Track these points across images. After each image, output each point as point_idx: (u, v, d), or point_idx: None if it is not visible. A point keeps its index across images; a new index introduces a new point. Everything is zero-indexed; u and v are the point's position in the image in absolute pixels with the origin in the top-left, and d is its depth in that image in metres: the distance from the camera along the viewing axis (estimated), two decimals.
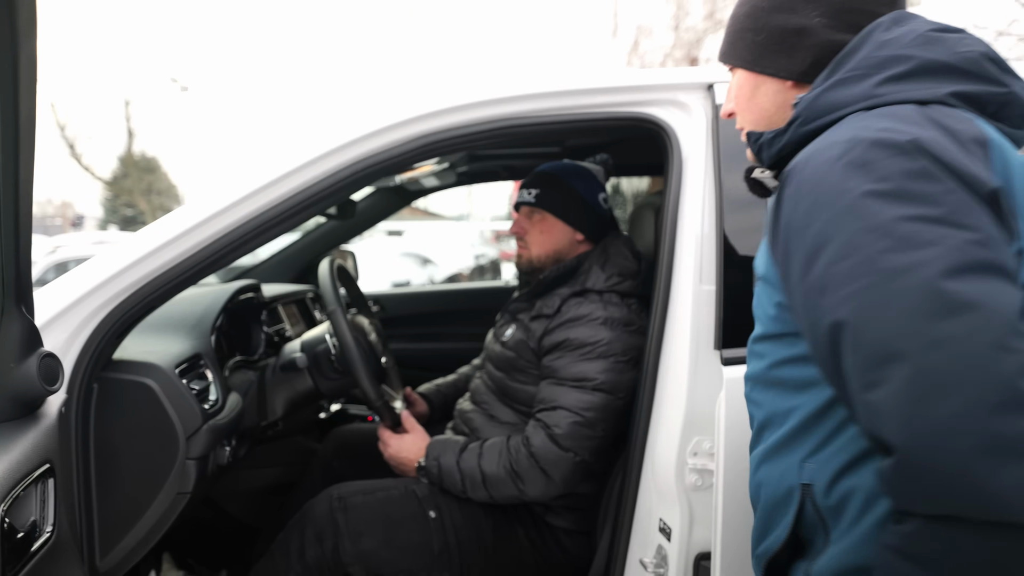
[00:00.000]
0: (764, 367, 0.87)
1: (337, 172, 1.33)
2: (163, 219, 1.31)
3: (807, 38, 0.88)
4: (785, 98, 0.92)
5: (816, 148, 0.75)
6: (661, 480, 1.28)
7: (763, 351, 0.87)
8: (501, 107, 1.36)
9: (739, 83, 0.97)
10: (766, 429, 0.88)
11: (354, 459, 1.95)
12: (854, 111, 0.78)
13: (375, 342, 1.77)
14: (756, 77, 0.94)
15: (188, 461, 1.31)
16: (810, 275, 0.72)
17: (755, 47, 0.93)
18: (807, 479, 0.80)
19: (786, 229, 0.75)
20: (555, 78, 1.41)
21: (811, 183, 0.73)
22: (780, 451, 0.84)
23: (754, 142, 0.92)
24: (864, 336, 0.66)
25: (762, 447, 0.88)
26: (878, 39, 0.82)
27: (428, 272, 9.72)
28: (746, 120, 0.97)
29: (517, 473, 1.48)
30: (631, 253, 1.66)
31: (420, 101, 1.36)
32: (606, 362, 1.49)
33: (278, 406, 1.69)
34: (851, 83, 0.80)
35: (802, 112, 0.83)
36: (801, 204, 0.73)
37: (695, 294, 1.27)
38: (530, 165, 2.69)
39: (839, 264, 0.68)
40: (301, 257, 2.86)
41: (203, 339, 1.55)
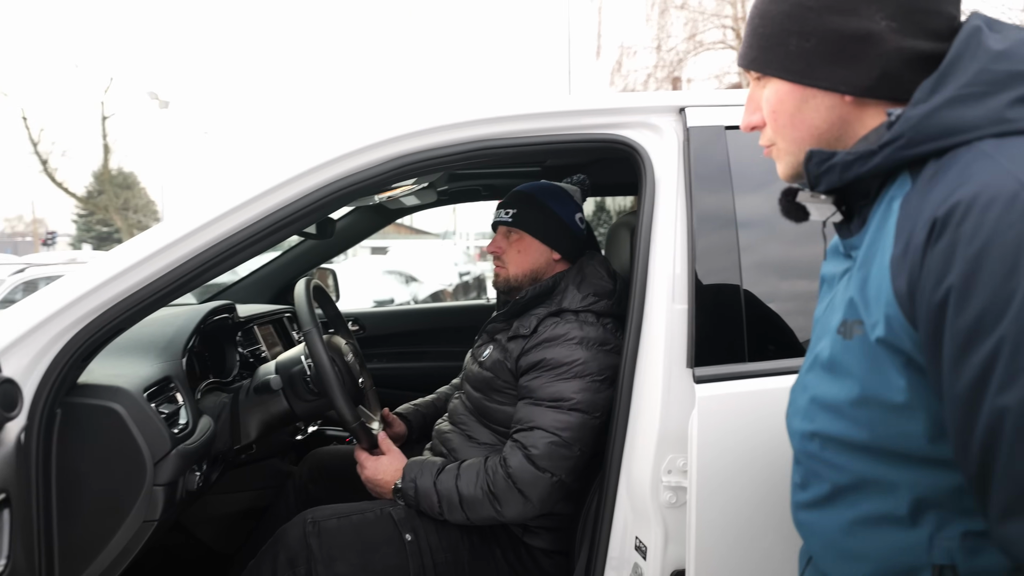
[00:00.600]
0: (868, 436, 0.75)
1: (315, 192, 1.33)
2: (135, 238, 1.30)
3: (874, 45, 0.75)
4: (841, 113, 0.79)
5: (990, 191, 0.63)
6: (636, 498, 1.28)
7: (867, 418, 0.74)
8: (480, 128, 1.37)
9: (779, 95, 0.82)
10: (851, 494, 0.78)
11: (330, 482, 1.93)
12: (981, 136, 0.68)
13: (352, 363, 1.76)
14: (804, 90, 0.80)
15: (155, 487, 1.28)
16: (983, 348, 0.61)
17: (803, 55, 0.78)
18: (943, 559, 0.71)
19: (961, 290, 0.63)
20: (533, 100, 1.43)
21: (1008, 241, 0.60)
22: (889, 524, 0.75)
23: (818, 163, 0.78)
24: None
25: (846, 513, 0.79)
26: (988, 48, 0.70)
27: (412, 290, 9.69)
28: (787, 137, 0.83)
29: (494, 494, 1.48)
30: (607, 273, 1.68)
31: (400, 121, 1.36)
32: (582, 382, 1.49)
33: (252, 429, 1.67)
34: (972, 101, 0.69)
35: (906, 132, 0.71)
36: (990, 264, 0.61)
37: (668, 313, 1.28)
38: (510, 185, 2.70)
39: None
40: (279, 276, 2.84)
41: (174, 361, 1.54)
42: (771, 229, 1.31)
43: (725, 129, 1.34)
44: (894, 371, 0.71)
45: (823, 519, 0.83)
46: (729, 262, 1.28)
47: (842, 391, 0.77)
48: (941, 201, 0.65)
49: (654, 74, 14.68)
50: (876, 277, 0.73)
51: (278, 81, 73.10)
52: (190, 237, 1.28)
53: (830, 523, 0.81)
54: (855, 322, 0.75)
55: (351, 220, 2.86)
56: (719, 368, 1.23)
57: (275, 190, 1.31)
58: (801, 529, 0.88)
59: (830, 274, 0.89)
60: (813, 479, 0.84)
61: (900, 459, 0.73)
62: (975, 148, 0.67)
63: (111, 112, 24.18)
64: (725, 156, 1.33)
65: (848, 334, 0.76)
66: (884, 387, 0.72)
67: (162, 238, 1.27)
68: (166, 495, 1.30)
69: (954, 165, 0.68)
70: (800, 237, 1.31)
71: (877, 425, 0.74)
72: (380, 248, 19.04)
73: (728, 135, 1.34)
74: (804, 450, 0.85)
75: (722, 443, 1.18)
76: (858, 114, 0.79)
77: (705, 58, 15.20)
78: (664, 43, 14.48)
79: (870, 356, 0.73)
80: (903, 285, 0.68)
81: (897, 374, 0.70)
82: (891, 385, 0.71)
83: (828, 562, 0.82)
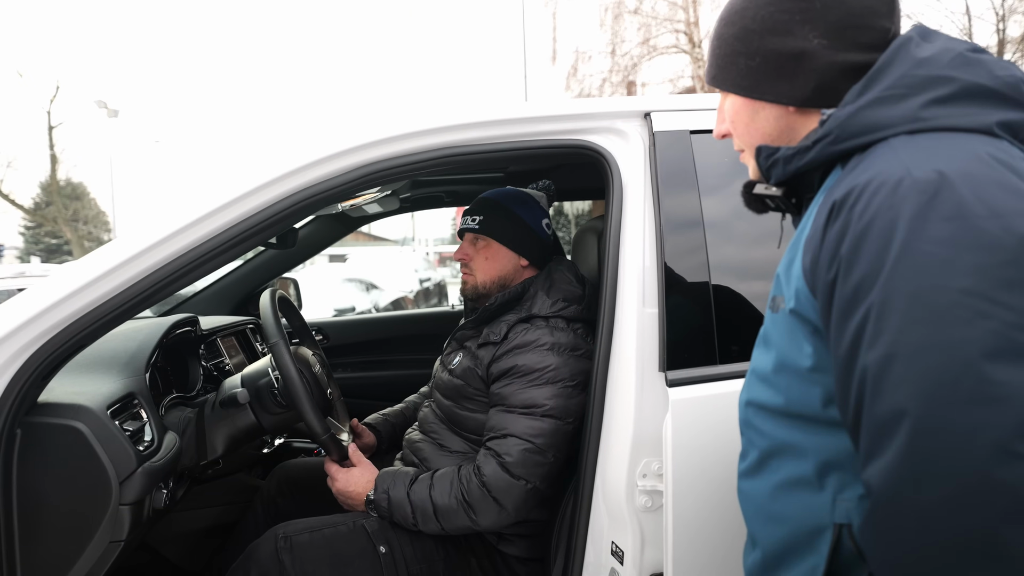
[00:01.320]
0: (783, 400, 0.83)
1: (278, 202, 1.32)
2: (96, 251, 1.27)
3: (807, 62, 0.83)
4: (788, 122, 0.88)
5: (881, 177, 0.70)
6: (612, 503, 1.29)
7: (784, 384, 0.83)
8: (443, 136, 1.37)
9: (735, 107, 0.92)
10: (773, 459, 0.85)
11: (299, 495, 1.90)
12: (896, 133, 0.75)
13: (320, 374, 1.74)
14: (754, 103, 0.89)
15: (122, 507, 1.26)
16: (858, 313, 0.69)
17: (750, 72, 0.87)
18: (843, 518, 0.77)
19: (846, 262, 0.71)
20: (498, 106, 1.43)
21: (885, 221, 0.68)
22: (801, 487, 0.81)
23: (766, 157, 0.87)
24: (882, 390, 0.67)
25: (770, 478, 0.85)
26: (913, 56, 0.78)
27: (373, 298, 9.59)
28: (747, 143, 0.93)
29: (469, 503, 1.47)
30: (575, 278, 1.68)
31: (361, 130, 1.36)
32: (554, 388, 1.50)
33: (218, 444, 1.64)
34: (891, 103, 0.76)
35: (833, 130, 0.79)
36: (870, 240, 0.69)
37: (639, 317, 1.29)
38: (473, 191, 2.72)
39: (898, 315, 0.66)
40: (240, 287, 2.79)
41: (137, 377, 1.50)
42: (738, 231, 1.33)
43: (690, 133, 1.36)
44: (803, 339, 0.80)
45: (754, 486, 0.89)
46: (698, 264, 1.29)
47: (768, 360, 0.86)
48: (844, 188, 0.74)
49: (609, 78, 14.86)
50: (796, 256, 0.82)
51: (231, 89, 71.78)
52: (152, 250, 1.25)
53: (759, 489, 0.88)
54: (780, 297, 0.85)
55: (313, 229, 2.82)
56: (691, 371, 1.24)
57: (239, 201, 1.30)
58: (740, 497, 0.93)
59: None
60: (749, 448, 0.91)
61: (807, 422, 0.81)
62: (887, 143, 0.75)
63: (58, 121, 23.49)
64: (691, 160, 1.35)
65: (775, 308, 0.86)
66: (796, 354, 0.81)
67: (124, 251, 1.24)
68: (132, 514, 1.27)
69: (867, 158, 0.76)
70: (766, 237, 1.34)
71: (790, 390, 0.82)
72: (338, 256, 18.82)
73: (693, 139, 1.36)
74: (743, 419, 0.93)
75: (697, 446, 1.19)
76: (803, 121, 0.88)
77: (659, 62, 15.45)
78: (618, 48, 14.68)
79: (787, 326, 0.82)
80: (808, 261, 0.77)
81: (805, 341, 0.79)
82: (801, 352, 0.80)
83: (755, 526, 0.89)
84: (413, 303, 10.95)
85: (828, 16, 0.82)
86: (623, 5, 14.45)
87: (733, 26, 0.89)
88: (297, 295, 2.89)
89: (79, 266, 1.23)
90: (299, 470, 1.97)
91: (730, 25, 0.89)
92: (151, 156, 46.02)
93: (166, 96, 58.88)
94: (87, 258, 1.25)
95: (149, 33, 67.36)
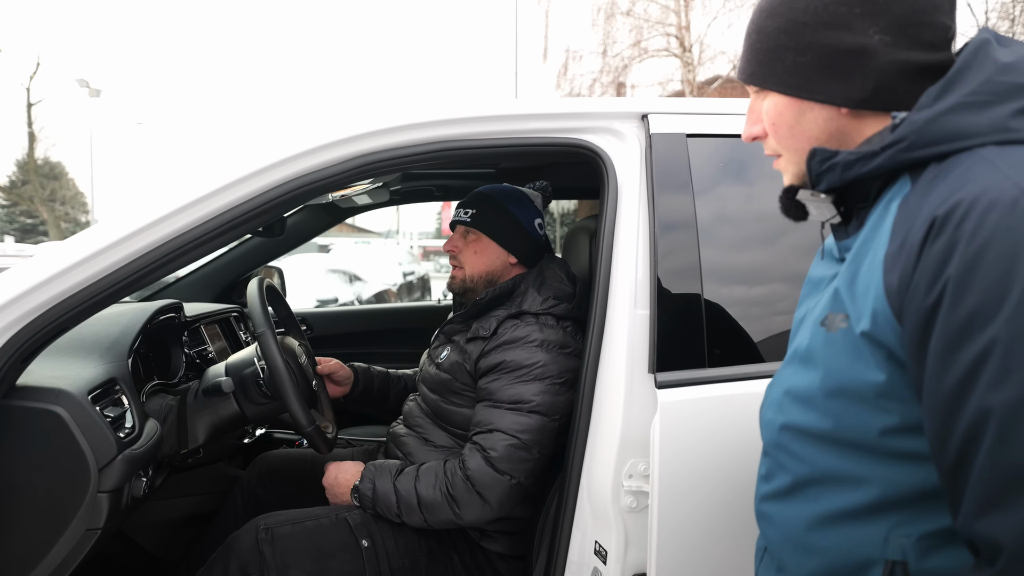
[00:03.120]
0: (832, 425, 0.77)
1: (271, 190, 1.30)
2: (82, 234, 1.25)
3: (867, 60, 0.76)
4: (839, 125, 0.81)
5: (992, 194, 0.64)
6: (597, 502, 1.29)
7: (837, 409, 0.77)
8: (438, 129, 1.36)
9: (777, 108, 0.84)
10: (812, 487, 0.81)
11: (280, 487, 1.88)
12: (983, 143, 0.70)
13: (305, 365, 1.72)
14: (801, 103, 0.82)
15: (100, 495, 1.23)
16: (973, 346, 0.63)
17: (799, 69, 0.80)
18: (897, 555, 0.73)
19: (955, 288, 0.64)
20: (492, 103, 1.43)
21: (1005, 245, 0.62)
22: (849, 519, 0.77)
23: (820, 161, 0.80)
24: (1015, 437, 0.61)
25: (808, 507, 0.81)
26: (996, 60, 0.73)
27: (356, 289, 9.53)
28: (789, 147, 0.85)
29: (453, 497, 1.47)
30: (566, 276, 1.68)
31: (356, 121, 1.34)
32: (542, 384, 1.49)
33: (200, 432, 1.62)
34: (976, 109, 0.71)
35: (908, 136, 0.73)
36: (987, 265, 0.62)
37: (630, 318, 1.29)
38: (464, 186, 2.71)
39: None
40: (224, 274, 2.76)
41: (119, 362, 1.47)
42: (731, 235, 1.34)
43: (687, 137, 1.37)
44: (874, 364, 0.73)
45: (784, 511, 0.85)
46: (690, 267, 1.30)
47: (815, 381, 0.79)
48: (941, 201, 0.67)
49: (599, 79, 14.87)
50: (866, 273, 0.74)
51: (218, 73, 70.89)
52: (140, 234, 1.23)
53: (791, 515, 0.84)
54: (840, 315, 0.77)
55: (300, 218, 2.80)
56: (680, 374, 1.25)
57: (231, 187, 1.28)
58: (762, 520, 0.90)
59: (818, 276, 0.91)
60: (778, 471, 0.86)
61: (860, 451, 0.76)
62: (976, 154, 0.69)
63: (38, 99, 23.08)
64: (686, 163, 1.35)
65: (831, 326, 0.78)
66: (859, 379, 0.74)
67: (111, 234, 1.22)
68: (111, 502, 1.25)
69: (955, 169, 0.69)
70: (759, 242, 1.35)
71: (844, 416, 0.76)
72: (323, 246, 18.70)
73: (689, 143, 1.36)
74: (773, 441, 0.87)
75: (684, 448, 1.19)
76: (855, 124, 0.81)
77: (649, 65, 15.48)
78: (610, 48, 14.68)
79: (850, 348, 0.75)
80: (894, 281, 0.70)
81: (877, 368, 0.72)
82: (867, 377, 0.73)
83: (785, 554, 0.85)
84: (396, 296, 10.91)
85: (892, 10, 0.75)
86: (615, 6, 14.46)
87: (779, 18, 0.81)
88: (282, 284, 2.87)
89: (64, 247, 1.21)
90: (280, 461, 1.95)
91: (775, 17, 0.81)
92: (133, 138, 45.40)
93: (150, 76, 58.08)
94: (73, 239, 1.23)
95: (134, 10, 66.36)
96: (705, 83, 14.14)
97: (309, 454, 1.95)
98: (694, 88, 13.83)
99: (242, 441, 2.15)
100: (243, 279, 2.76)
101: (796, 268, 1.29)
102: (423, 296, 13.10)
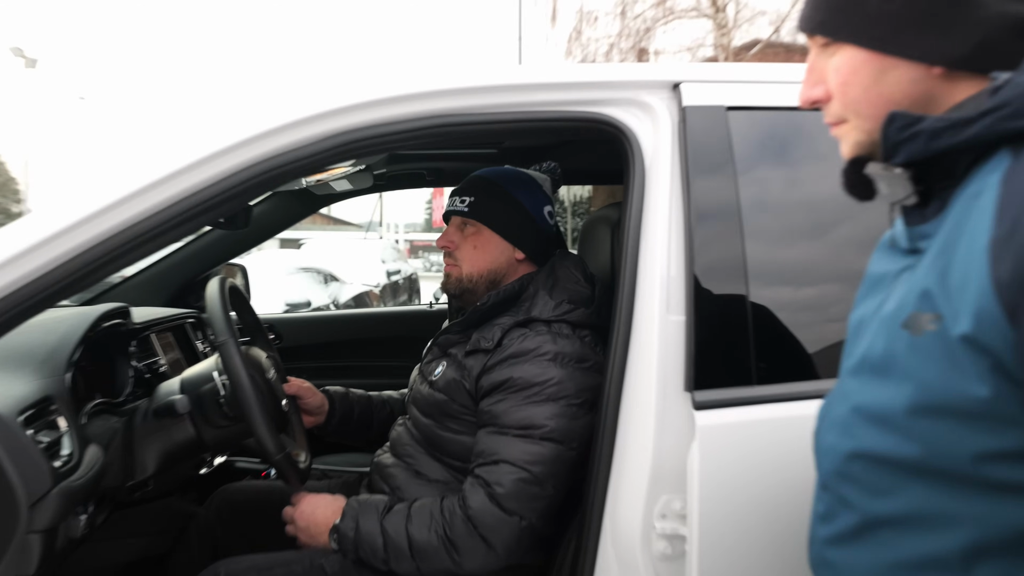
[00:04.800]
0: (921, 451, 0.75)
1: (233, 174, 1.30)
2: (7, 228, 1.25)
3: (972, 10, 0.75)
4: (928, 87, 0.79)
5: None
6: (623, 548, 1.28)
7: (927, 429, 0.74)
8: (433, 102, 1.36)
9: (851, 65, 0.82)
10: (886, 528, 0.79)
11: (243, 526, 1.88)
12: None
13: (274, 380, 1.71)
14: (884, 59, 0.80)
15: (31, 535, 1.23)
16: None
17: (884, 19, 0.78)
18: None
19: None
20: (497, 71, 1.42)
21: None
22: (935, 569, 0.75)
23: (901, 128, 0.77)
24: None
25: (882, 553, 0.79)
26: None
27: (332, 291, 9.58)
28: (860, 114, 0.83)
29: (452, 541, 1.45)
30: (583, 276, 1.67)
31: (334, 93, 1.34)
32: (556, 406, 1.48)
33: (149, 461, 1.61)
34: None
35: (1014, 100, 0.70)
36: None
37: (662, 326, 1.28)
38: (459, 168, 2.71)
39: None
40: (178, 273, 2.77)
41: (55, 378, 1.48)
42: (782, 225, 1.33)
43: (727, 110, 1.36)
44: (976, 375, 0.69)
45: (851, 558, 0.83)
46: (733, 264, 1.29)
47: (898, 397, 0.76)
48: None
49: (617, 44, 14.89)
50: (963, 264, 0.71)
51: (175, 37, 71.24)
52: (81, 226, 1.23)
53: (860, 563, 0.82)
54: (930, 316, 0.74)
55: (268, 207, 2.82)
56: (723, 392, 1.23)
57: (187, 171, 1.28)
58: (822, 569, 0.88)
59: (881, 272, 0.89)
60: (842, 509, 0.84)
61: (954, 483, 0.73)
62: None
63: None
64: (726, 140, 1.34)
65: (917, 329, 0.75)
66: (957, 394, 0.71)
67: (44, 228, 1.22)
68: (44, 544, 1.25)
69: None
70: (816, 233, 1.34)
71: (936, 438, 0.73)
72: (291, 240, 18.77)
73: (730, 116, 1.35)
74: (837, 472, 0.85)
75: (728, 482, 1.18)
76: (946, 88, 0.79)
77: (676, 27, 15.47)
78: (629, 9, 14.68)
79: (946, 355, 0.71)
80: (1006, 273, 0.66)
81: (980, 380, 0.69)
82: (967, 392, 0.70)
83: None
84: (379, 299, 10.95)
85: None
86: None
87: None
88: (246, 285, 2.87)
89: None
90: (243, 495, 1.94)
91: None
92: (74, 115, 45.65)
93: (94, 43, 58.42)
94: (1, 233, 1.23)
95: None
96: (742, 48, 14.13)
97: (278, 487, 1.94)
98: (729, 54, 13.83)
99: (198, 471, 2.15)
100: (200, 279, 2.77)
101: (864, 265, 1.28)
102: (411, 299, 13.15)
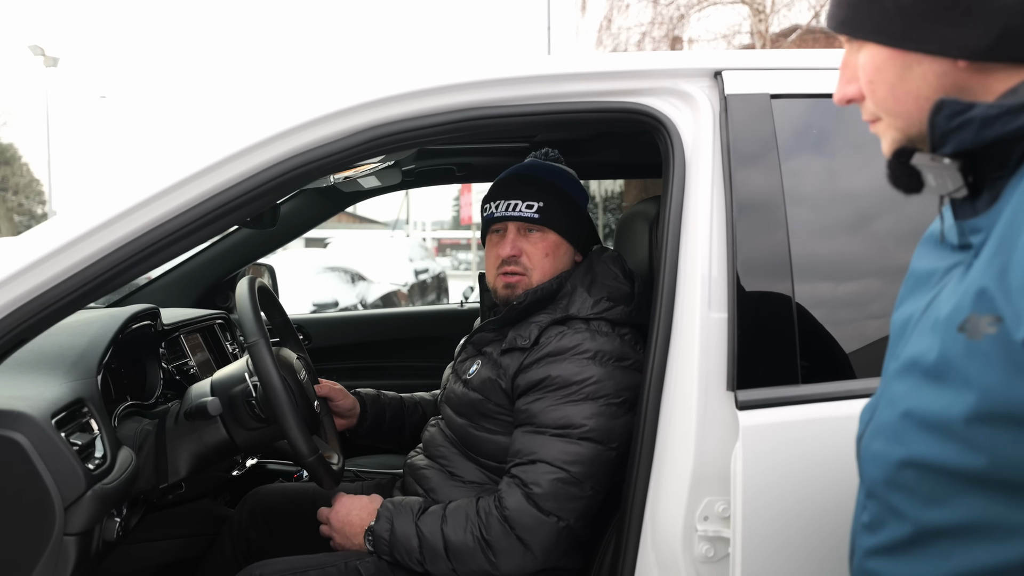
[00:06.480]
0: (986, 462, 0.73)
1: (262, 172, 1.31)
2: (37, 229, 1.27)
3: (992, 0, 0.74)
4: (955, 80, 0.78)
5: None
6: (664, 551, 1.27)
7: (989, 438, 0.72)
8: (465, 94, 1.36)
9: (875, 62, 0.83)
10: (943, 540, 0.78)
11: (276, 528, 1.90)
12: None
13: (305, 382, 1.73)
14: (906, 55, 0.80)
15: (67, 538, 1.26)
16: None
17: (903, 14, 0.78)
18: None
19: None
20: (530, 61, 1.42)
21: None
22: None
23: (950, 116, 0.76)
24: None
25: (938, 565, 0.78)
26: None
27: (359, 291, 9.64)
28: (890, 111, 0.84)
29: (488, 542, 1.46)
30: (622, 273, 1.67)
31: (363, 86, 1.35)
32: (595, 405, 1.48)
33: (181, 463, 1.63)
34: None
35: None
36: None
37: (704, 324, 1.28)
38: (490, 163, 2.71)
39: None
40: (205, 273, 2.80)
41: (86, 380, 1.50)
42: (828, 219, 1.32)
43: (771, 98, 1.35)
44: None
45: (902, 569, 0.82)
46: (778, 260, 1.28)
47: (956, 404, 0.74)
48: None
49: (650, 32, 14.80)
50: (1011, 262, 0.70)
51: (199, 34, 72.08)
52: (108, 227, 1.25)
53: (911, 574, 0.80)
54: (990, 318, 0.72)
55: (295, 206, 2.83)
56: (767, 391, 1.23)
57: (213, 169, 1.30)
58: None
59: (927, 269, 0.88)
60: (891, 518, 0.83)
61: (1016, 493, 0.72)
62: None
63: None
64: (771, 130, 1.34)
65: (976, 333, 0.73)
66: (1021, 400, 0.69)
67: (73, 228, 1.24)
68: (79, 547, 1.27)
69: None
70: (863, 226, 1.32)
71: (1001, 447, 0.71)
72: (317, 239, 18.90)
73: (774, 105, 1.34)
74: (886, 480, 0.84)
75: (773, 483, 1.18)
76: (980, 80, 0.78)
77: (711, 14, 15.34)
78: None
79: (1008, 360, 0.69)
80: None
81: None
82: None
83: None
84: (407, 298, 11.00)
85: None
86: None
87: None
88: (274, 285, 2.90)
89: (19, 245, 1.23)
90: (276, 497, 1.96)
91: None
92: (96, 114, 46.36)
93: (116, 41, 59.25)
94: (28, 235, 1.25)
95: None
96: (780, 35, 13.98)
97: (310, 489, 1.95)
98: (767, 41, 13.69)
99: (231, 473, 2.17)
100: (229, 279, 2.79)
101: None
102: (439, 298, 13.19)
